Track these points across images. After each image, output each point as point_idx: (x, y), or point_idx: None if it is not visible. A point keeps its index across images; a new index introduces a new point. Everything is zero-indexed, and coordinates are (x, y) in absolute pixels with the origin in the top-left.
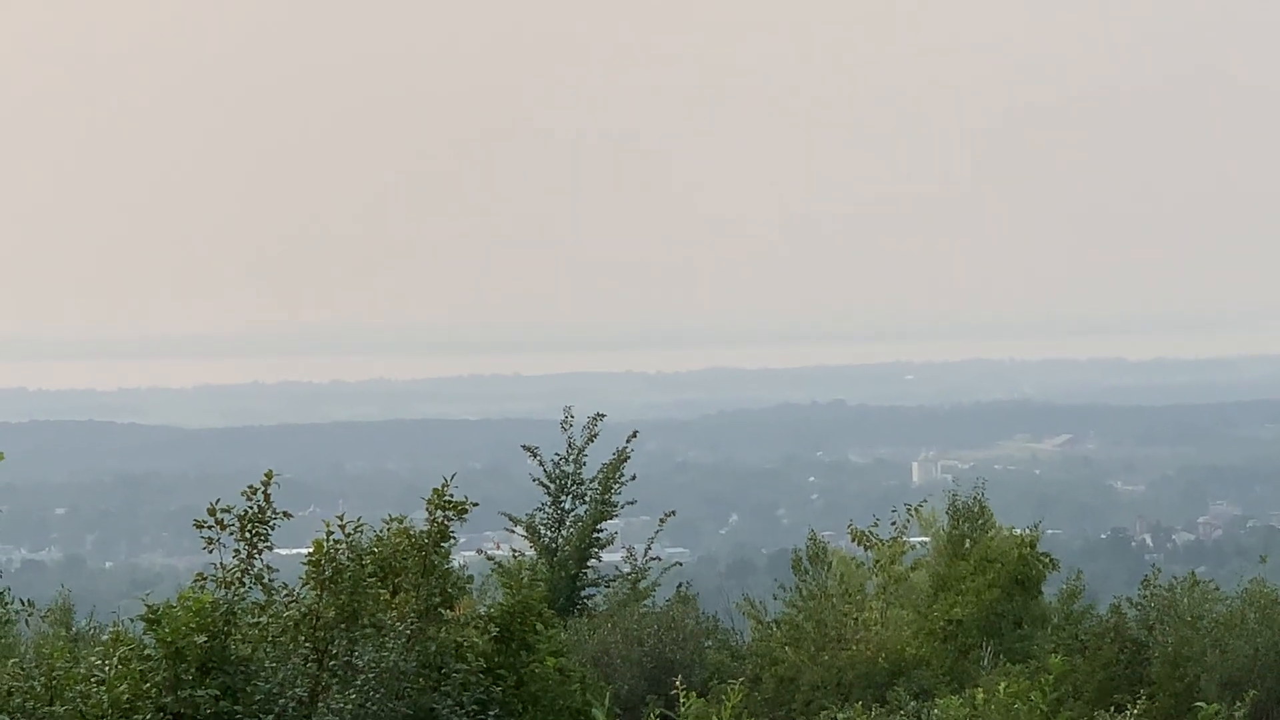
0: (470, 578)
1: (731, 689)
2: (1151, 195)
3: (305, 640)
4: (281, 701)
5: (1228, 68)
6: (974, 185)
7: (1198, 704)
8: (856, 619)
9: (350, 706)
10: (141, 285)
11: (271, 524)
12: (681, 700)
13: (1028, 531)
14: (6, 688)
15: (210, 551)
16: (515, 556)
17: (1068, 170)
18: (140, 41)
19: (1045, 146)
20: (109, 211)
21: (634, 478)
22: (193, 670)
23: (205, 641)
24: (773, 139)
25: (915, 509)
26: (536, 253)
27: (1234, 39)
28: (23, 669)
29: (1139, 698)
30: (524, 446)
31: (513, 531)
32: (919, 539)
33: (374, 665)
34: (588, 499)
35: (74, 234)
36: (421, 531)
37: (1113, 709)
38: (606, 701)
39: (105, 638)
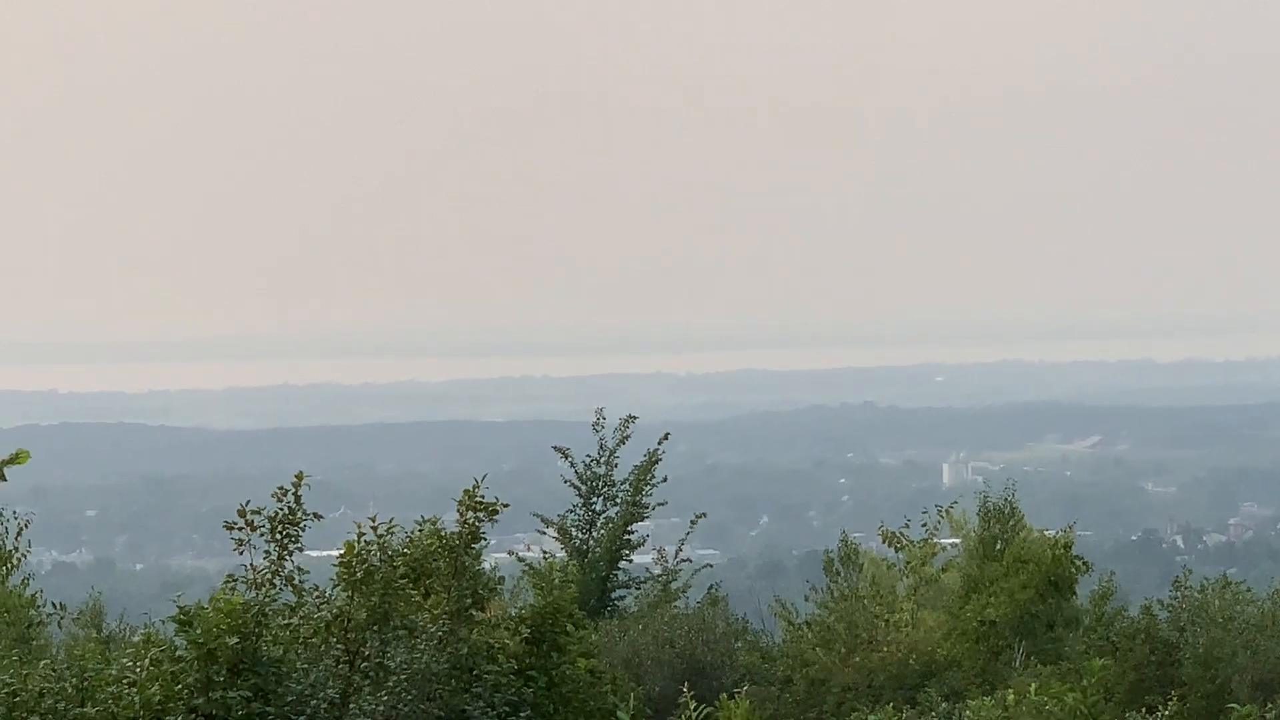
0: (501, 579)
1: (739, 702)
2: (1180, 196)
3: (337, 642)
4: (313, 703)
5: (1257, 64)
6: (1002, 188)
7: (1230, 705)
8: (888, 620)
9: (382, 708)
10: (171, 288)
11: (302, 525)
12: (690, 711)
13: (1061, 533)
14: (38, 689)
15: (241, 553)
16: (546, 558)
17: (1098, 170)
18: (161, 41)
19: (1074, 146)
20: (138, 216)
21: (665, 479)
22: (224, 672)
23: (237, 643)
24: (800, 140)
25: (946, 510)
26: (566, 254)
27: (1268, 32)
28: (54, 671)
29: (1170, 699)
30: (555, 448)
31: (544, 533)
32: (950, 540)
33: (406, 667)
34: (619, 501)
35: (103, 238)
36: (452, 533)
37: (1144, 710)
38: (631, 703)
39: (137, 639)
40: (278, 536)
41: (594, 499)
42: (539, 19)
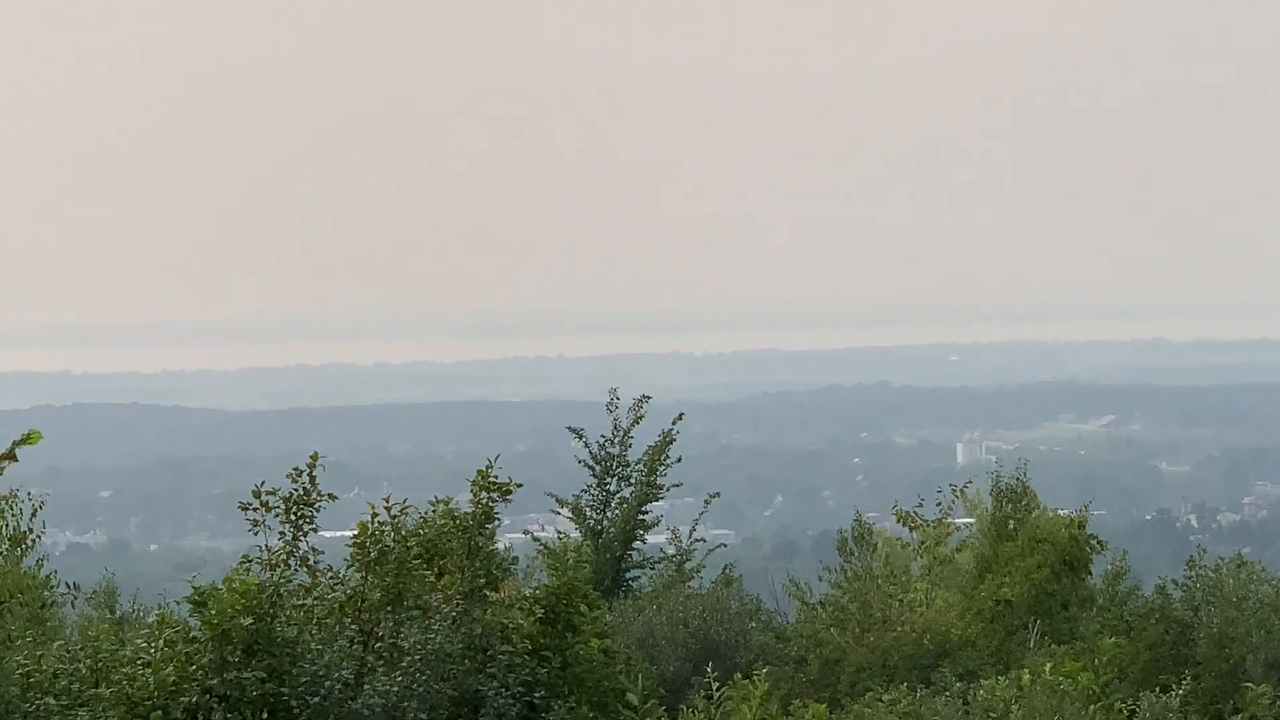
0: (515, 559)
1: (757, 680)
2: (1195, 180)
3: (351, 622)
4: (327, 684)
5: (1271, 49)
6: (1019, 170)
7: (1245, 684)
8: (902, 600)
9: (396, 689)
10: (185, 269)
11: (316, 506)
12: (714, 689)
13: (1075, 513)
14: (52, 670)
15: (255, 534)
16: (560, 538)
17: (1111, 155)
18: (178, 31)
19: (1090, 131)
20: (153, 197)
21: (679, 460)
22: (238, 652)
23: (251, 624)
24: (815, 122)
25: (960, 490)
26: (580, 235)
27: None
28: (69, 651)
29: (1184, 678)
30: (569, 428)
31: (558, 513)
32: (964, 520)
33: (419, 647)
34: (633, 481)
35: (118, 220)
36: (466, 513)
37: (1158, 689)
38: (640, 684)
39: (151, 620)
40: (292, 517)
41: (608, 479)
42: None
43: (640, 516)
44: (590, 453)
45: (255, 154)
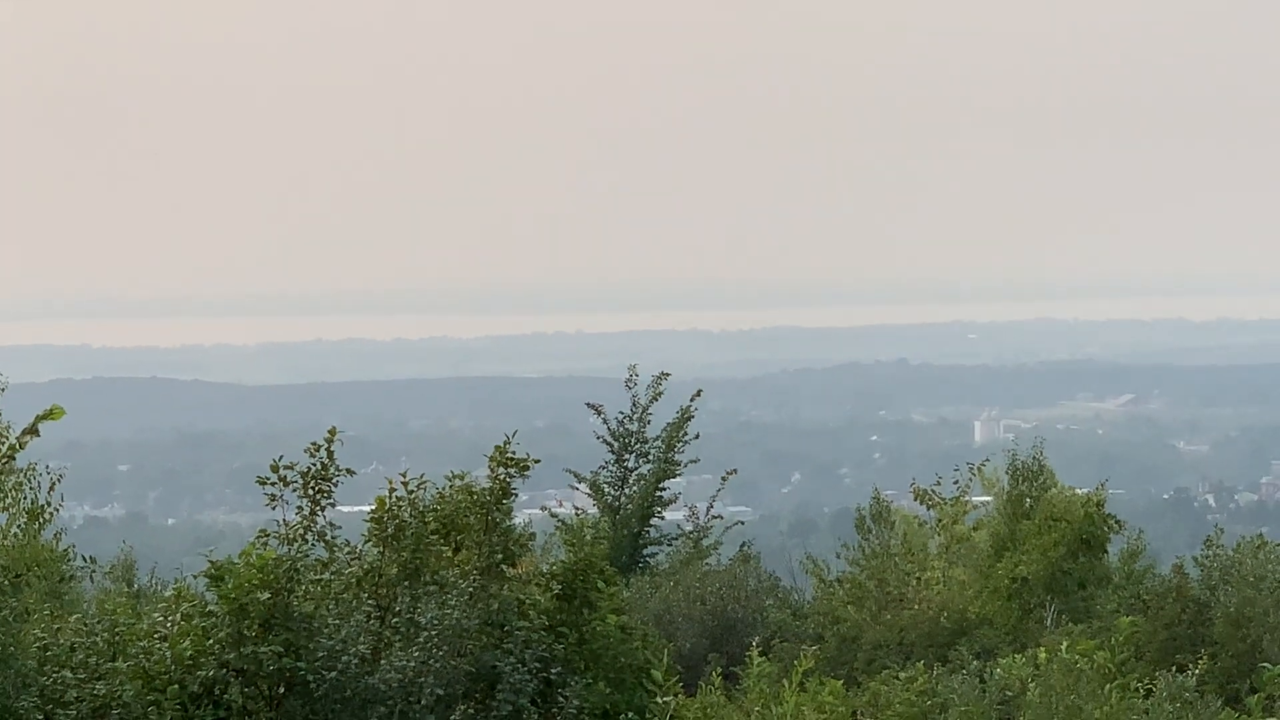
0: (533, 535)
1: (805, 654)
2: (1210, 153)
3: (368, 597)
4: (344, 658)
5: None
6: (1037, 145)
7: (1262, 664)
8: (919, 578)
9: (412, 664)
10: (203, 243)
11: (334, 481)
12: (751, 660)
13: (1093, 491)
14: (69, 643)
15: (273, 508)
16: (578, 514)
17: (1128, 129)
18: (202, 17)
19: (1103, 106)
20: (169, 170)
21: (697, 436)
22: (255, 627)
23: (268, 598)
24: (833, 97)
25: (977, 468)
26: (598, 210)
27: None
28: (86, 625)
29: (1201, 658)
30: (588, 404)
31: (576, 489)
32: (981, 498)
33: (436, 622)
34: (651, 457)
35: (137, 194)
36: (484, 489)
37: (1175, 668)
38: (664, 659)
39: (168, 594)
40: (310, 492)
41: (626, 456)
42: None
43: (658, 493)
44: (609, 429)
45: (273, 127)
